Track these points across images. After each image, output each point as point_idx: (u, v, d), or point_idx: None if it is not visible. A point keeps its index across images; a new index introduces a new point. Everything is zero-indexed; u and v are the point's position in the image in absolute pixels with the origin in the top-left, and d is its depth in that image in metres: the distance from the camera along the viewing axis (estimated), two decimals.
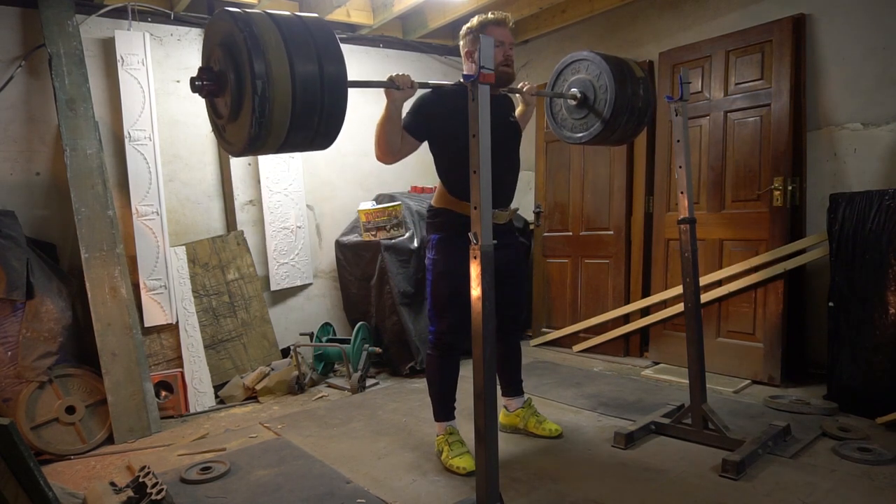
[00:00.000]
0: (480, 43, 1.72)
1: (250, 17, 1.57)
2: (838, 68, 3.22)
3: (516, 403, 2.79)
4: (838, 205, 2.87)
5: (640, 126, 2.65)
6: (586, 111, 2.55)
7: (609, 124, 2.48)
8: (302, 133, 1.65)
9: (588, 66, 2.53)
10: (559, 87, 2.66)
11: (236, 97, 1.60)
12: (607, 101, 2.45)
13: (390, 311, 3.82)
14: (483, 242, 1.74)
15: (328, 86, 1.62)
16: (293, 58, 1.56)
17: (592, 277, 4.24)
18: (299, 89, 1.57)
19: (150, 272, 3.46)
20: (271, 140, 1.62)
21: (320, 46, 1.62)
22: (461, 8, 4.03)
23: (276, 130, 1.59)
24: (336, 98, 1.65)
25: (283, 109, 1.56)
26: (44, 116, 3.33)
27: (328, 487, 2.33)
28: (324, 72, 1.61)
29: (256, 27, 1.54)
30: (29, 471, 1.65)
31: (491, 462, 1.81)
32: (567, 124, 2.67)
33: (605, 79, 2.45)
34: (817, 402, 2.94)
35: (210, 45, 1.70)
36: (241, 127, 1.62)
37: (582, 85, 2.54)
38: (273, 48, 1.54)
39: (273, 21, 1.59)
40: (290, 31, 1.59)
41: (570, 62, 2.62)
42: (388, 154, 2.33)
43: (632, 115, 2.53)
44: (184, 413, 3.40)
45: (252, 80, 1.51)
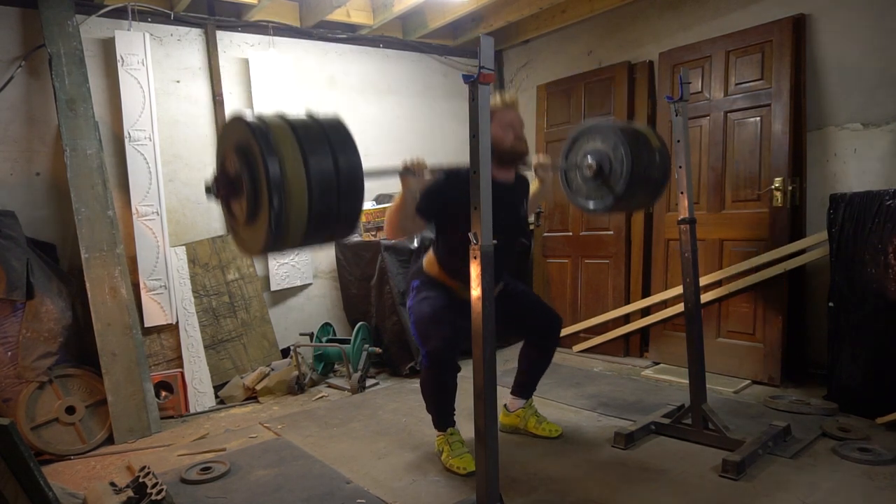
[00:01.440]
0: (480, 44, 1.72)
1: (266, 126, 1.53)
2: (838, 68, 3.22)
3: (518, 403, 2.79)
4: (838, 205, 2.87)
5: (656, 197, 2.64)
6: (601, 181, 2.51)
7: (623, 199, 2.46)
8: (319, 236, 1.65)
9: (604, 136, 2.49)
10: (574, 154, 2.61)
11: (252, 205, 1.56)
12: (622, 175, 2.40)
13: (390, 311, 3.82)
14: (483, 242, 1.74)
15: (345, 193, 1.59)
16: (310, 166, 1.52)
17: (592, 277, 4.24)
18: (316, 198, 1.54)
19: (150, 272, 3.46)
20: (288, 245, 1.62)
21: (336, 147, 1.59)
22: (461, 8, 4.03)
23: (293, 238, 1.58)
24: (351, 207, 1.62)
25: (299, 219, 1.54)
26: (44, 116, 3.33)
27: (328, 487, 2.33)
28: (340, 180, 1.57)
29: (273, 135, 1.51)
30: (29, 471, 1.65)
31: (491, 462, 1.81)
32: (581, 191, 2.62)
33: (621, 151, 2.41)
34: (817, 402, 2.94)
35: (224, 149, 1.67)
36: (257, 232, 1.59)
37: (598, 155, 2.49)
38: (290, 157, 1.50)
39: (289, 127, 1.56)
40: (307, 135, 1.56)
41: (587, 130, 2.57)
42: (399, 234, 2.36)
43: (647, 187, 2.51)
44: (184, 413, 3.40)
45: (269, 192, 1.48)
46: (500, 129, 2.34)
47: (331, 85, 4.34)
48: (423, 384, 2.50)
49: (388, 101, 4.61)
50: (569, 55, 4.57)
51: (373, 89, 4.54)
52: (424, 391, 2.51)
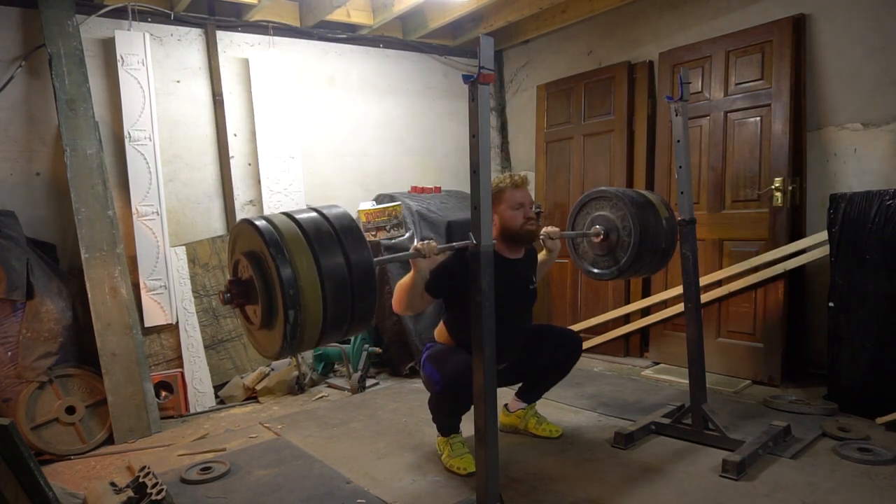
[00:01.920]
0: (480, 43, 1.72)
1: (277, 232, 1.53)
2: (838, 68, 3.22)
3: (519, 405, 2.79)
4: (838, 205, 2.87)
5: (663, 264, 2.66)
6: (608, 250, 2.54)
7: (628, 270, 2.50)
8: (333, 337, 1.66)
9: (613, 205, 2.51)
10: (582, 219, 2.63)
11: (266, 312, 1.57)
12: (630, 246, 2.43)
13: (390, 312, 3.82)
14: (483, 242, 1.74)
15: (358, 293, 1.58)
16: (324, 274, 1.52)
17: None
18: (330, 307, 1.54)
19: (150, 272, 3.46)
20: (303, 348, 1.63)
21: (347, 245, 1.58)
22: (461, 8, 4.03)
23: (308, 342, 1.60)
24: (365, 306, 1.62)
25: (314, 326, 1.55)
26: (44, 116, 3.33)
27: (328, 487, 2.33)
28: (353, 282, 1.57)
29: (284, 243, 1.51)
30: (29, 471, 1.65)
31: (491, 462, 1.82)
32: (588, 258, 2.66)
33: (630, 222, 2.43)
34: (817, 402, 2.94)
35: (236, 253, 1.67)
36: (272, 339, 1.60)
37: (606, 223, 2.52)
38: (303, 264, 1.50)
39: (299, 229, 1.55)
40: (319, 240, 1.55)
41: (595, 197, 2.59)
42: (408, 310, 2.36)
43: (654, 257, 2.53)
44: (184, 413, 3.40)
45: (284, 304, 1.48)
46: (509, 209, 2.36)
47: (331, 85, 4.34)
48: (436, 405, 2.45)
49: (387, 100, 4.61)
50: (569, 55, 4.57)
51: (373, 89, 4.54)
52: (434, 409, 2.48)
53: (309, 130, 4.22)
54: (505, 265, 2.33)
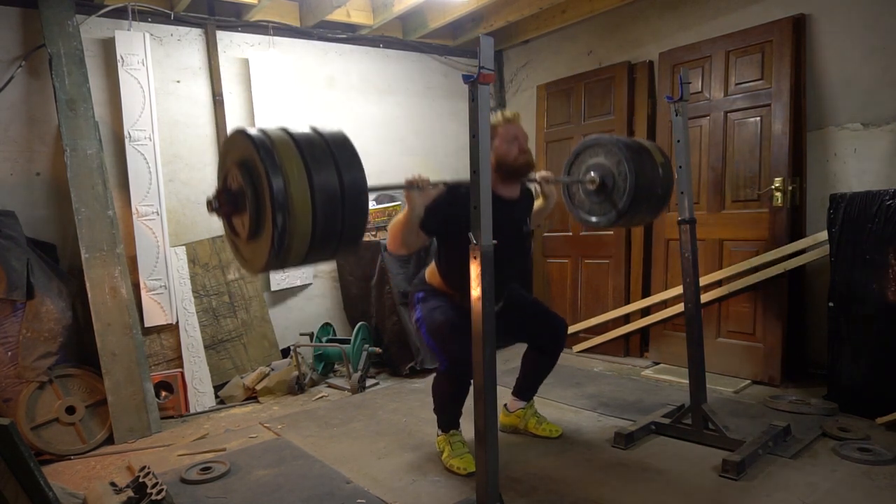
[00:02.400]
0: (480, 43, 1.72)
1: (270, 141, 1.51)
2: (838, 68, 3.22)
3: (518, 404, 2.79)
4: (838, 205, 2.87)
5: (659, 211, 2.65)
6: (604, 196, 2.52)
7: (625, 215, 2.47)
8: (321, 254, 1.65)
9: (608, 151, 2.49)
10: (577, 168, 2.61)
11: (255, 222, 1.55)
12: (626, 191, 2.41)
13: (390, 311, 3.82)
14: (483, 242, 1.74)
15: (349, 212, 1.57)
16: (315, 184, 1.50)
17: (592, 277, 4.24)
18: (320, 220, 1.52)
19: (150, 272, 3.46)
20: (289, 263, 1.61)
21: (340, 163, 1.57)
22: (461, 8, 4.03)
23: (295, 256, 1.57)
24: (356, 219, 1.60)
25: (302, 238, 1.52)
26: (44, 116, 3.33)
27: (328, 487, 2.33)
28: (344, 198, 1.56)
29: (276, 151, 1.49)
30: (29, 471, 1.65)
31: (491, 462, 1.82)
32: (584, 206, 2.64)
33: (625, 167, 2.42)
34: (817, 402, 2.94)
35: (227, 163, 1.65)
36: (259, 250, 1.57)
37: (601, 170, 2.51)
38: (294, 175, 1.48)
39: (292, 141, 1.54)
40: (312, 153, 1.53)
41: (590, 145, 2.57)
42: (403, 249, 2.35)
43: (650, 203, 2.52)
44: (184, 413, 3.40)
45: (273, 210, 1.46)
46: (503, 143, 2.35)
47: (331, 85, 4.34)
48: (438, 387, 2.49)
49: (388, 100, 4.61)
50: (569, 55, 4.57)
51: (373, 89, 4.54)
52: (437, 393, 2.51)
53: None
54: (500, 204, 2.23)
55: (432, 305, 2.48)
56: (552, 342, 2.69)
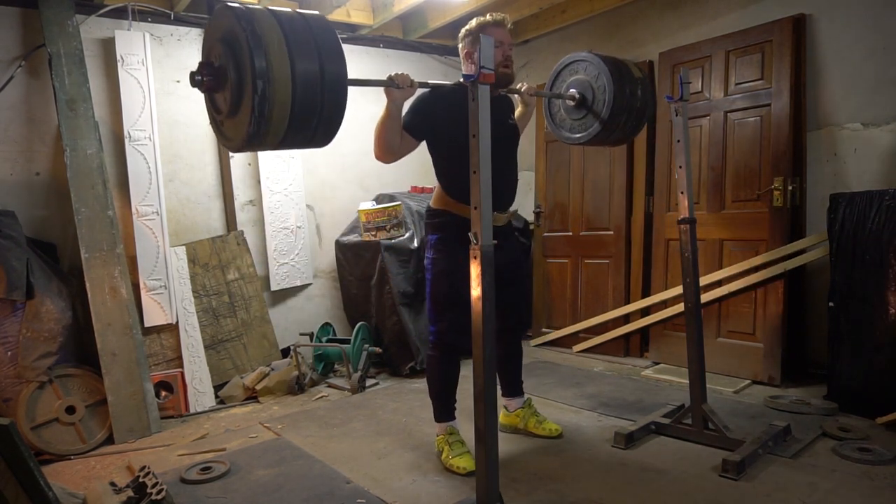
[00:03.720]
0: (480, 43, 1.72)
1: (252, 14, 1.56)
2: (838, 68, 3.22)
3: (516, 403, 2.79)
4: (838, 205, 2.87)
5: (639, 126, 2.65)
6: (585, 112, 2.55)
7: (607, 125, 2.48)
8: (301, 132, 1.65)
9: (586, 67, 2.54)
10: (557, 88, 2.65)
11: (236, 93, 1.59)
12: (605, 102, 2.45)
13: (390, 311, 3.82)
14: (483, 242, 1.74)
15: (328, 85, 1.61)
16: (294, 56, 1.55)
17: (592, 277, 4.24)
18: (299, 88, 1.56)
19: (150, 272, 3.46)
20: (270, 138, 1.62)
21: (321, 45, 1.61)
22: (461, 8, 4.02)
23: (275, 128, 1.59)
24: (336, 97, 1.64)
25: (282, 108, 1.55)
26: (44, 116, 3.33)
27: (328, 487, 2.33)
28: (324, 71, 1.60)
29: (258, 24, 1.53)
30: (29, 471, 1.65)
31: (491, 462, 1.81)
32: (566, 125, 2.67)
33: (604, 79, 2.45)
34: (817, 402, 2.94)
35: (211, 41, 1.69)
36: (239, 123, 1.61)
37: (580, 86, 2.55)
38: (274, 46, 1.53)
39: (275, 18, 1.58)
40: (292, 28, 1.58)
41: (569, 63, 2.62)
42: (388, 153, 2.33)
43: (630, 116, 2.53)
44: (184, 413, 3.40)
45: (252, 77, 1.50)
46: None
47: None
48: (428, 365, 2.57)
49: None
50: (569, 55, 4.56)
51: (373, 89, 4.53)
52: (429, 371, 2.56)
53: None
54: None
55: (442, 264, 2.44)
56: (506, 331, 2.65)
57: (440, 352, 2.50)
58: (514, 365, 2.78)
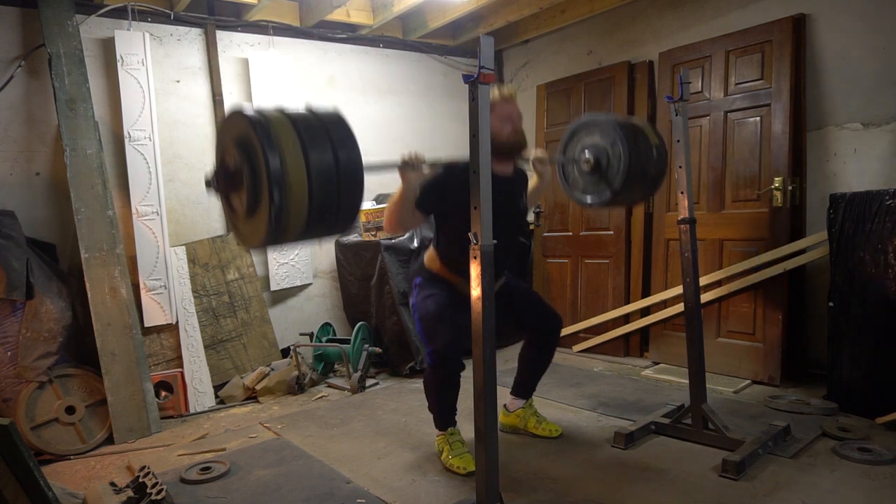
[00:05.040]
0: (481, 43, 1.72)
1: (265, 119, 1.53)
2: (838, 68, 3.22)
3: (518, 403, 2.79)
4: (838, 205, 2.87)
5: (654, 190, 2.66)
6: (598, 176, 2.52)
7: (619, 194, 2.48)
8: (319, 231, 1.66)
9: (603, 131, 2.50)
10: (573, 147, 2.61)
11: (252, 199, 1.56)
12: (620, 171, 2.42)
13: (390, 311, 3.82)
14: (483, 242, 1.74)
15: (345, 187, 1.59)
16: (310, 160, 1.52)
17: (592, 277, 4.24)
18: (316, 196, 1.54)
19: (150, 272, 3.46)
20: (287, 241, 1.63)
21: (336, 140, 1.59)
22: (461, 8, 4.03)
23: (292, 235, 1.59)
24: (351, 201, 1.62)
25: (299, 215, 1.54)
26: (44, 116, 3.33)
27: (328, 487, 2.33)
28: (340, 174, 1.57)
29: (272, 128, 1.51)
30: (29, 471, 1.65)
31: (491, 462, 1.81)
32: (578, 185, 2.64)
33: (620, 147, 2.41)
34: (817, 402, 2.94)
35: (224, 142, 1.67)
36: (256, 227, 1.59)
37: (596, 150, 2.51)
38: (290, 153, 1.50)
39: (289, 120, 1.56)
40: (307, 129, 1.56)
41: (586, 124, 2.57)
42: (399, 228, 2.34)
43: (644, 183, 2.52)
44: (184, 413, 3.40)
45: (269, 190, 1.47)
46: (497, 121, 2.33)
47: (331, 85, 4.34)
48: (427, 382, 2.51)
49: (388, 100, 4.61)
50: (569, 55, 4.57)
51: (373, 89, 4.54)
52: (427, 389, 2.52)
53: None
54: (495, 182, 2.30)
55: (427, 293, 2.47)
56: (545, 335, 2.68)
57: (440, 369, 2.40)
58: (538, 370, 2.77)
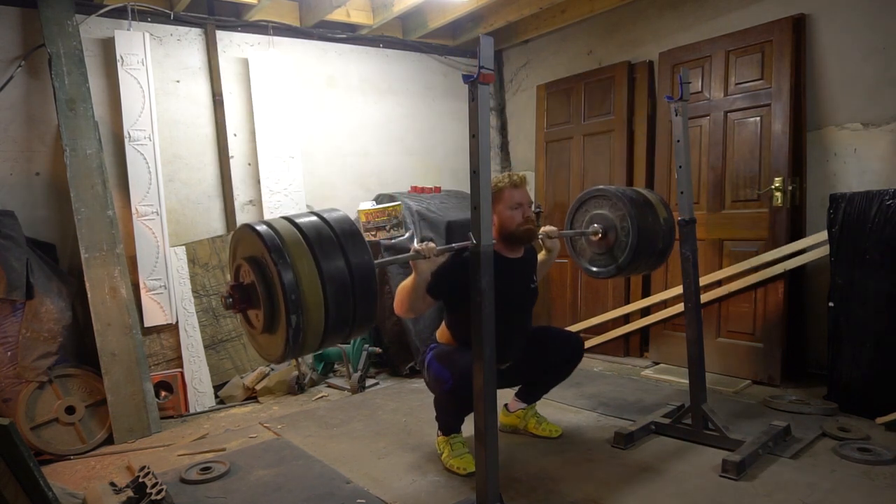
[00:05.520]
0: (481, 43, 1.72)
1: (277, 236, 1.54)
2: (838, 68, 3.22)
3: (519, 405, 2.79)
4: (838, 205, 2.87)
5: (660, 263, 2.69)
6: (605, 248, 2.55)
7: (624, 270, 2.52)
8: (335, 341, 1.68)
9: (612, 204, 2.52)
10: (581, 216, 2.64)
11: (268, 318, 1.59)
12: (628, 247, 2.45)
13: (390, 312, 3.81)
14: (483, 242, 1.74)
15: (359, 293, 1.59)
16: (325, 278, 1.53)
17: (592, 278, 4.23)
18: (332, 311, 1.55)
19: (150, 272, 3.45)
20: (305, 354, 1.66)
21: (347, 249, 1.59)
22: (461, 8, 4.02)
23: (310, 348, 1.62)
24: (366, 308, 1.63)
25: (316, 331, 1.57)
26: (44, 116, 3.32)
27: (328, 487, 2.33)
28: (354, 283, 1.58)
29: (285, 248, 1.52)
30: (29, 471, 1.65)
31: (491, 462, 1.82)
32: (585, 255, 2.68)
33: (628, 223, 2.45)
34: (817, 402, 2.94)
35: (237, 258, 1.68)
36: (275, 343, 1.61)
37: (604, 221, 2.54)
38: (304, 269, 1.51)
39: (300, 233, 1.57)
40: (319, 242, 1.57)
41: (595, 195, 2.60)
42: (410, 312, 2.35)
43: (650, 258, 2.55)
44: (184, 413, 3.40)
45: (287, 310, 1.49)
46: (507, 209, 2.36)
47: (331, 85, 4.34)
48: (445, 404, 2.45)
49: (388, 100, 4.61)
50: (569, 55, 4.56)
51: (373, 89, 4.54)
52: (440, 409, 2.49)
53: (309, 130, 4.22)
54: (505, 264, 2.33)
55: (444, 348, 2.50)
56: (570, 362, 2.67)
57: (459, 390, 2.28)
58: (551, 384, 2.76)
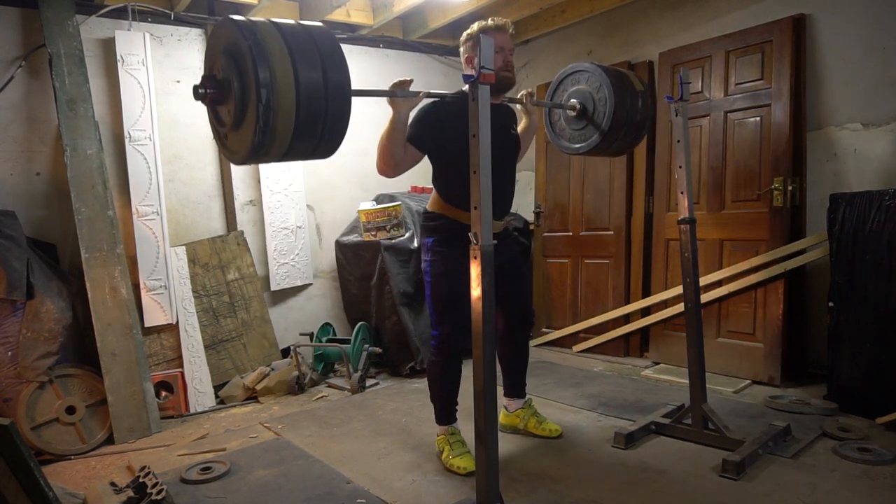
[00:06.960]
0: (481, 43, 1.72)
1: (255, 26, 1.55)
2: (838, 68, 3.22)
3: (517, 404, 2.79)
4: (838, 205, 2.87)
5: (638, 138, 2.67)
6: (585, 122, 2.55)
7: (607, 136, 2.49)
8: (306, 142, 1.64)
9: (588, 78, 2.53)
10: (558, 97, 2.65)
11: (240, 105, 1.58)
12: (606, 114, 2.45)
13: (390, 311, 3.82)
14: (483, 242, 1.74)
15: (332, 94, 1.60)
16: (297, 66, 1.54)
17: (592, 277, 4.24)
18: (303, 98, 1.55)
19: (150, 272, 3.46)
20: (275, 149, 1.61)
21: (324, 55, 1.60)
22: (461, 8, 4.03)
23: (280, 139, 1.58)
24: (340, 107, 1.63)
25: (286, 118, 1.55)
26: (44, 116, 3.33)
27: (328, 487, 2.33)
28: (328, 80, 1.59)
29: (261, 35, 1.53)
30: (29, 471, 1.65)
31: (491, 462, 1.82)
32: (565, 134, 2.68)
33: (605, 91, 2.45)
34: (817, 402, 2.94)
35: (213, 53, 1.68)
36: (244, 136, 1.60)
37: (581, 96, 2.54)
38: (277, 57, 1.52)
39: (277, 29, 1.57)
40: (295, 39, 1.57)
41: (570, 73, 2.61)
42: (391, 167, 2.31)
43: (630, 128, 2.54)
44: (184, 413, 3.40)
45: (256, 88, 1.49)
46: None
47: None
48: (430, 369, 2.54)
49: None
50: (569, 55, 4.56)
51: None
52: (430, 377, 2.55)
53: None
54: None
55: (440, 266, 2.42)
56: (514, 330, 2.68)
57: (444, 356, 2.48)
58: (519, 366, 2.78)
